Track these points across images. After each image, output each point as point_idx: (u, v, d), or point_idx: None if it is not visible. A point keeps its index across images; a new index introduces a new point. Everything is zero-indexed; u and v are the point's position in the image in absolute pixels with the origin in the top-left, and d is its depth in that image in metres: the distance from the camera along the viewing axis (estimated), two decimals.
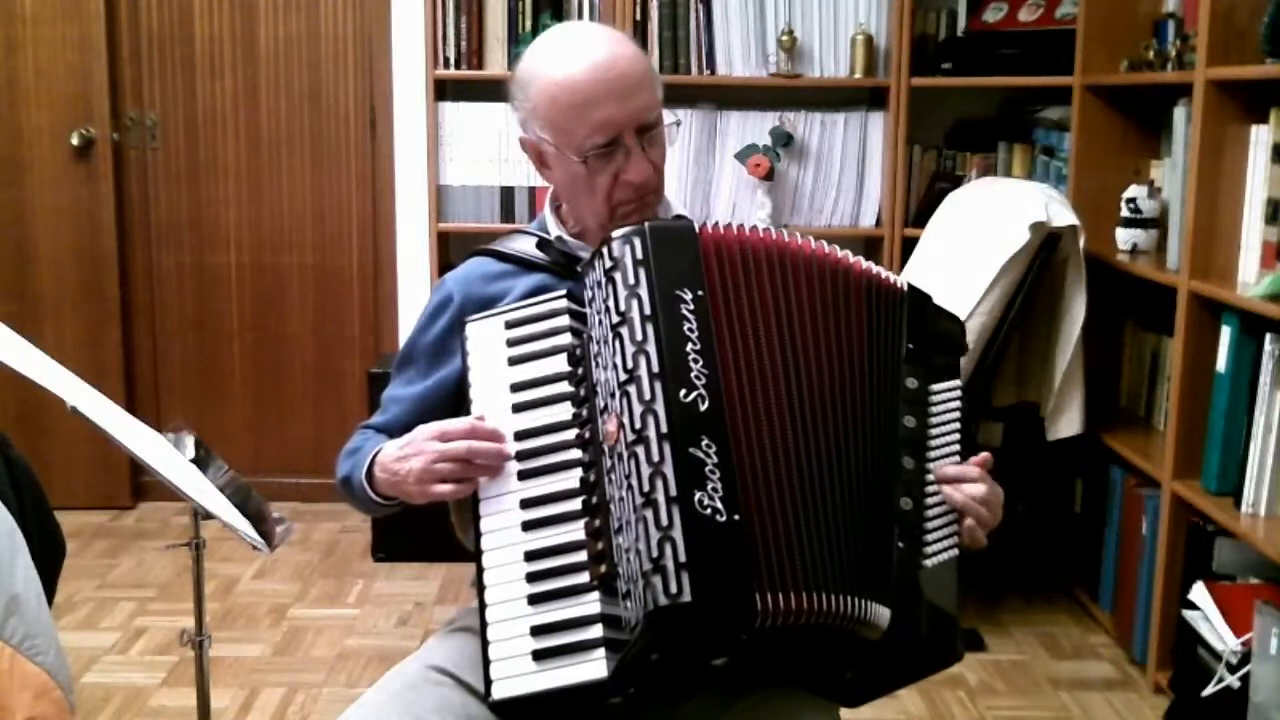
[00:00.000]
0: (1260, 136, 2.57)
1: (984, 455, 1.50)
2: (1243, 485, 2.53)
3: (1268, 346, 2.47)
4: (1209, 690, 2.39)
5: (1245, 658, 2.35)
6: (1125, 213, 3.15)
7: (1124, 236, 3.16)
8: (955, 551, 1.43)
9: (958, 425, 1.50)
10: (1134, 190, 3.14)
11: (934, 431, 1.47)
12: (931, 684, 2.89)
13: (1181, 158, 2.94)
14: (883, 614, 1.34)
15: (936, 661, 1.43)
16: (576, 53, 1.56)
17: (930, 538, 1.41)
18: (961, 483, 1.45)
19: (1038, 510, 3.51)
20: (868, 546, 1.36)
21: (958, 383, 1.52)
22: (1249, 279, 2.60)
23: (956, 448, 1.48)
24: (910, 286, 1.52)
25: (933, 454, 1.46)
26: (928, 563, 1.40)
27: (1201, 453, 2.69)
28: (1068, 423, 3.07)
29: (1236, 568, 2.61)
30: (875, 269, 1.50)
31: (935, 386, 1.49)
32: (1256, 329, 2.52)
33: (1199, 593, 2.53)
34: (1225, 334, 2.59)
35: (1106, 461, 3.15)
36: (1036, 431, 3.15)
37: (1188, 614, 2.56)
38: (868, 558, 1.35)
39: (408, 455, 1.48)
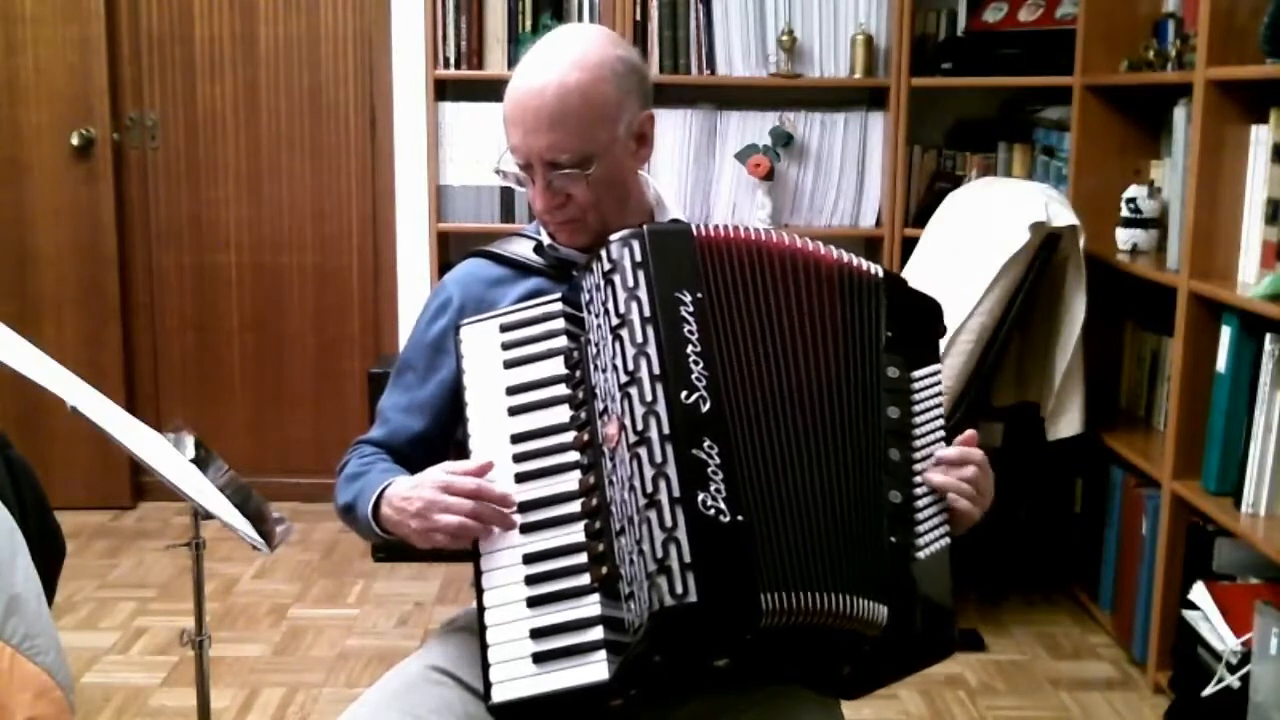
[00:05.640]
0: (1260, 136, 2.57)
1: (969, 433, 1.49)
2: (1243, 485, 2.53)
3: (1268, 346, 2.47)
4: (1209, 690, 2.39)
5: (1245, 658, 2.35)
6: (1125, 213, 3.15)
7: (1124, 236, 3.16)
8: (947, 540, 1.42)
9: (941, 411, 1.49)
10: (1134, 190, 3.14)
11: (918, 420, 1.46)
12: (931, 684, 2.90)
13: (1181, 158, 2.94)
14: (880, 611, 1.34)
15: (932, 654, 1.43)
16: (525, 70, 1.54)
17: (921, 529, 1.41)
18: (952, 466, 1.44)
19: (1038, 510, 3.51)
20: (861, 543, 1.35)
21: (938, 367, 1.50)
22: (1249, 279, 2.60)
23: (942, 434, 1.47)
24: (886, 272, 1.51)
25: (918, 442, 1.45)
26: (920, 555, 1.39)
27: (1201, 453, 2.69)
28: (1068, 423, 3.07)
29: (1236, 568, 2.61)
30: (849, 258, 1.49)
31: (917, 374, 1.47)
32: (1256, 329, 2.52)
33: (1199, 593, 2.53)
34: (1225, 334, 2.59)
35: (1106, 461, 3.15)
36: (1036, 431, 3.15)
37: (1188, 614, 2.56)
38: (861, 554, 1.35)
39: (413, 499, 1.47)
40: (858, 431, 1.40)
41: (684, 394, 1.31)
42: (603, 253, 1.41)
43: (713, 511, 1.27)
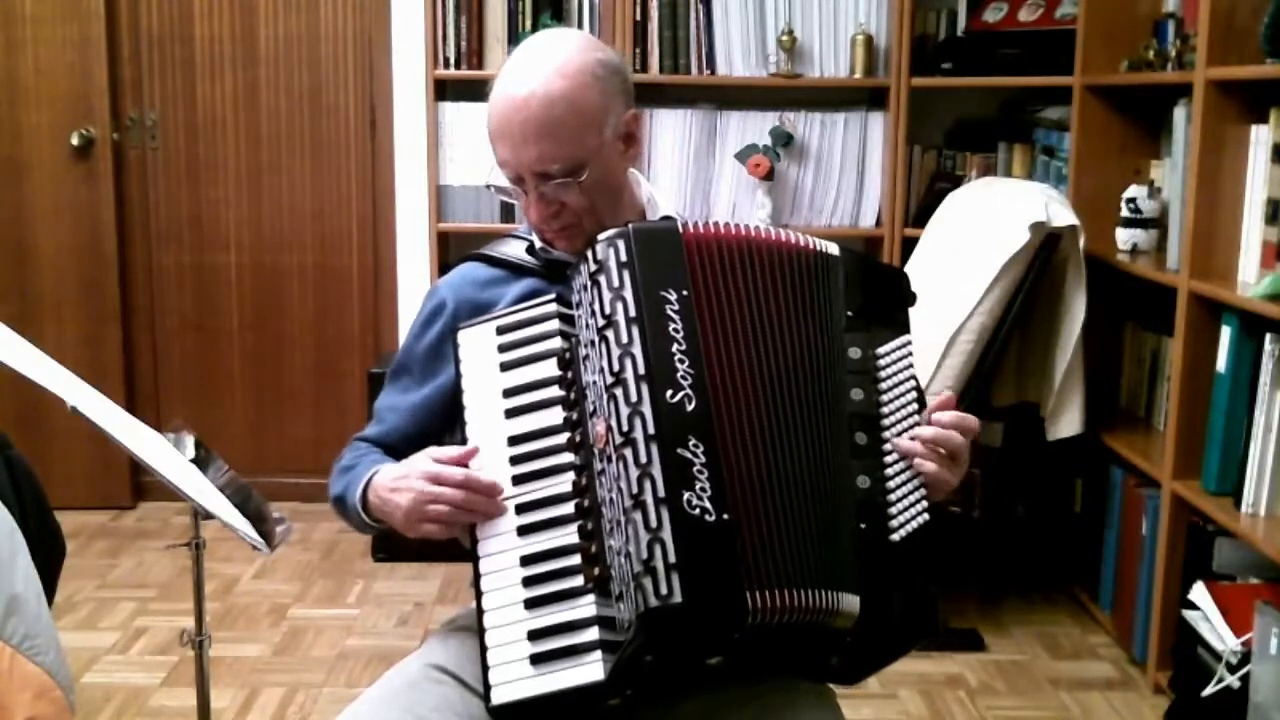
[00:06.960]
0: (1260, 136, 2.57)
1: (946, 395, 1.48)
2: (1243, 485, 2.53)
3: (1268, 346, 2.47)
4: (1209, 690, 2.39)
5: (1245, 658, 2.35)
6: (1125, 213, 3.15)
7: (1124, 236, 3.16)
8: (925, 516, 1.40)
9: (913, 384, 1.47)
10: (1134, 190, 3.14)
11: (886, 397, 1.44)
12: (931, 684, 2.90)
13: (1181, 158, 2.94)
14: (852, 602, 1.33)
15: (915, 637, 1.41)
16: (506, 82, 1.53)
17: (894, 510, 1.39)
18: (936, 444, 1.43)
19: (1038, 510, 3.51)
20: (830, 534, 1.35)
21: (907, 338, 1.49)
22: (1249, 279, 2.60)
23: (914, 408, 1.46)
24: (842, 250, 1.49)
25: (887, 420, 1.43)
26: (894, 537, 1.38)
27: (1201, 453, 2.69)
28: (1068, 423, 3.07)
29: (1236, 568, 2.61)
30: (806, 241, 1.48)
31: (881, 350, 1.46)
32: (1256, 329, 2.52)
33: (1199, 593, 2.53)
34: (1225, 334, 2.59)
35: (1106, 461, 3.15)
36: (1036, 431, 3.15)
37: (1188, 614, 2.56)
38: (831, 546, 1.34)
39: (400, 488, 1.47)
40: (824, 419, 1.40)
41: (669, 393, 1.31)
42: (589, 253, 1.41)
43: (698, 511, 1.27)
